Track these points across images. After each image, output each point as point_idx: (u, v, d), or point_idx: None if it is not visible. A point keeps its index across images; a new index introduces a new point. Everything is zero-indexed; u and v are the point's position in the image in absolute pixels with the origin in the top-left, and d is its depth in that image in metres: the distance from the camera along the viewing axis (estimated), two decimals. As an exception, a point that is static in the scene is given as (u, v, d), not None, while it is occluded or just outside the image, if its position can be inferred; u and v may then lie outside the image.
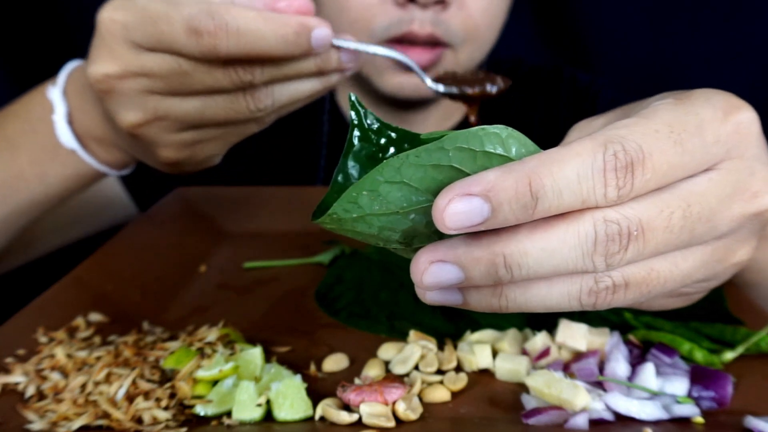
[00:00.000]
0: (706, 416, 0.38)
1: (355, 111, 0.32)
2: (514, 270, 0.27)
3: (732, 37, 0.99)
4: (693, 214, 0.29)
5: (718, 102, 0.31)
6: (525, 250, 0.27)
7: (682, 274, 0.30)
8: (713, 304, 0.49)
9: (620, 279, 0.29)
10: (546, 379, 0.38)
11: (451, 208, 0.26)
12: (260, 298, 0.55)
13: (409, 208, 0.27)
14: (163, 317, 0.51)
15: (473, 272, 0.27)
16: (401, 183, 0.27)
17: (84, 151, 0.54)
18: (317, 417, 0.38)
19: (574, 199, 0.27)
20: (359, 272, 0.57)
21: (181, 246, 0.63)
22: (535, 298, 0.29)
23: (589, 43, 1.04)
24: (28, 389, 0.40)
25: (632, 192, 0.27)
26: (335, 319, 0.50)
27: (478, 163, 0.27)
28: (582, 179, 0.26)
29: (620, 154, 0.27)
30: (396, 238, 0.29)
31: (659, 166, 0.28)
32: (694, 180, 0.29)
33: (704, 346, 0.43)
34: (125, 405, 0.38)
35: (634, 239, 0.27)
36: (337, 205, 0.27)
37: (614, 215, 0.27)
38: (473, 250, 0.27)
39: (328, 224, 0.28)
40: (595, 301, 0.29)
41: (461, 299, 0.29)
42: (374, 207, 0.27)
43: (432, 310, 0.51)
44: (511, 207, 0.26)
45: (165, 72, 0.43)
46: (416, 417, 0.38)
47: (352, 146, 0.32)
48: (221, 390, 0.39)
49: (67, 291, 0.52)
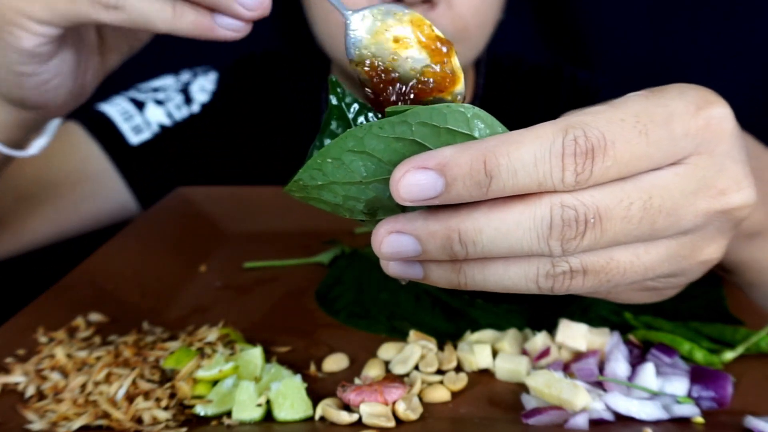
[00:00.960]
0: (706, 416, 0.38)
1: (333, 92, 0.32)
2: (468, 247, 0.28)
3: (732, 37, 0.99)
4: (654, 206, 0.29)
5: (690, 96, 0.30)
6: (480, 228, 0.28)
7: (644, 267, 0.30)
8: (713, 304, 0.49)
9: (578, 265, 0.29)
10: (546, 379, 0.38)
11: (405, 180, 0.27)
12: (260, 298, 0.55)
13: (371, 178, 0.28)
14: (163, 317, 0.51)
15: (429, 245, 0.28)
16: (364, 153, 0.28)
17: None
18: (317, 417, 0.38)
19: (529, 181, 0.27)
20: (359, 272, 0.57)
21: (181, 246, 0.63)
22: (492, 277, 0.29)
23: (589, 41, 1.04)
24: (28, 389, 0.40)
25: (591, 179, 0.27)
26: (335, 319, 0.50)
27: (441, 139, 0.28)
28: (539, 161, 0.27)
29: (581, 140, 0.27)
30: (360, 209, 0.30)
31: (621, 155, 0.27)
32: (659, 173, 0.29)
33: (704, 346, 0.43)
34: (125, 405, 0.38)
35: (591, 226, 0.28)
36: (303, 172, 0.28)
37: (572, 201, 0.27)
38: (430, 223, 0.28)
39: (296, 192, 0.29)
40: (552, 284, 0.29)
41: (422, 273, 0.30)
42: (338, 175, 0.28)
43: (432, 310, 0.51)
44: (464, 183, 0.27)
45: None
46: (416, 417, 0.38)
47: (329, 125, 0.32)
48: (221, 390, 0.39)
49: (67, 291, 0.52)
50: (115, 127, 0.79)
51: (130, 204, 0.81)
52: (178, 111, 0.82)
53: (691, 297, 0.50)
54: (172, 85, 0.84)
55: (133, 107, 0.81)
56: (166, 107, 0.82)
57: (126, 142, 0.79)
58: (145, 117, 0.80)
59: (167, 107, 0.82)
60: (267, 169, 0.85)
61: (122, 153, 0.78)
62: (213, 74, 0.86)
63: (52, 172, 0.75)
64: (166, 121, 0.81)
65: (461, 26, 0.68)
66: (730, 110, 0.31)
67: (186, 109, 0.83)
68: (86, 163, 0.77)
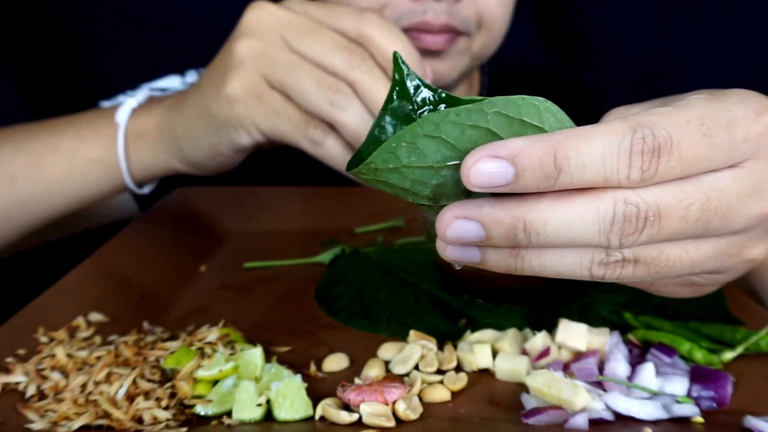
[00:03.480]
0: (706, 416, 0.38)
1: (397, 69, 0.33)
2: (532, 236, 0.29)
3: (732, 37, 0.99)
4: (711, 207, 0.30)
5: (751, 102, 0.31)
6: (545, 219, 0.28)
7: (692, 262, 0.31)
8: (713, 304, 0.49)
9: (630, 255, 0.30)
10: (546, 378, 0.38)
11: (477, 167, 0.27)
12: (260, 298, 0.55)
13: (443, 163, 0.29)
14: (163, 317, 0.51)
15: (494, 232, 0.29)
16: (439, 138, 0.28)
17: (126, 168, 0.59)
18: (317, 417, 0.38)
19: (596, 176, 0.28)
20: (359, 272, 0.57)
21: (181, 246, 0.63)
22: (549, 263, 0.30)
23: (589, 42, 1.04)
24: (28, 389, 0.40)
25: (655, 177, 0.28)
26: (335, 319, 0.50)
27: (513, 129, 0.28)
28: (606, 157, 0.27)
29: (648, 139, 0.28)
30: (426, 194, 0.30)
31: (685, 156, 0.28)
32: (717, 175, 0.30)
33: (704, 346, 0.43)
34: (125, 405, 0.38)
35: (650, 224, 0.28)
36: (377, 155, 0.29)
37: (634, 198, 0.28)
38: (497, 211, 0.29)
39: (364, 174, 0.30)
40: (604, 272, 0.30)
41: (479, 257, 0.31)
42: (411, 159, 0.29)
43: (432, 310, 0.51)
44: (534, 174, 0.27)
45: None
46: (416, 417, 0.38)
47: (391, 101, 0.33)
48: (221, 390, 0.39)
49: (67, 291, 0.52)
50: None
51: (129, 204, 0.81)
52: None
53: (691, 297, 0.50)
54: (178, 86, 0.84)
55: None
56: None
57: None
58: None
59: None
60: (267, 169, 0.85)
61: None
62: None
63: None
64: None
65: (487, 16, 0.69)
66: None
67: None
68: None
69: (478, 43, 0.71)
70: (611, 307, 0.50)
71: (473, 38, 0.70)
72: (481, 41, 0.71)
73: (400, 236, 0.66)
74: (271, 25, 0.50)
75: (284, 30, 0.50)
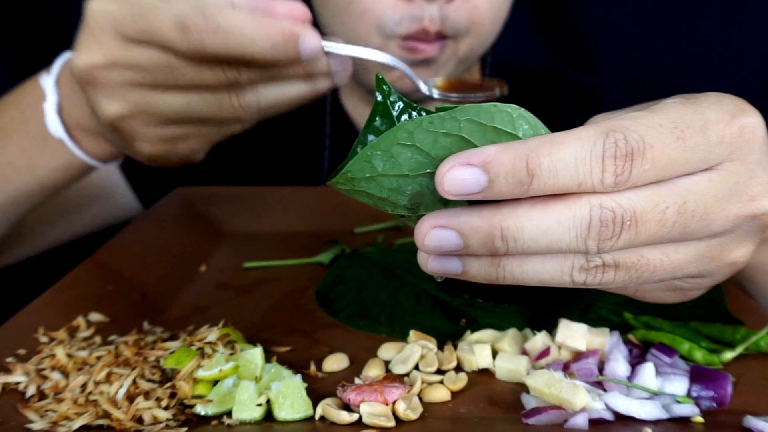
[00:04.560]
0: (706, 416, 0.38)
1: (379, 90, 0.33)
2: (509, 243, 0.29)
3: (732, 37, 0.99)
4: (687, 211, 0.30)
5: (726, 105, 0.31)
6: (522, 226, 0.29)
7: (673, 266, 0.31)
8: (713, 304, 0.49)
9: (610, 260, 0.30)
10: (546, 378, 0.38)
11: (451, 174, 0.28)
12: (260, 298, 0.55)
13: (418, 171, 0.29)
14: (163, 317, 0.51)
15: (472, 240, 0.29)
16: (413, 147, 0.29)
17: (72, 142, 0.54)
18: (317, 417, 0.38)
19: (570, 181, 0.28)
20: (359, 272, 0.57)
21: (181, 246, 0.63)
22: (530, 271, 0.30)
23: (589, 43, 1.04)
24: (28, 389, 0.40)
25: (629, 181, 0.28)
26: (335, 319, 0.50)
27: (487, 137, 0.29)
28: (579, 162, 0.28)
29: (621, 143, 0.28)
30: (403, 203, 0.30)
31: (659, 159, 0.28)
32: (693, 178, 0.30)
33: (704, 346, 0.43)
34: (126, 405, 0.38)
35: (627, 228, 0.29)
36: (353, 164, 0.29)
37: (610, 202, 0.28)
38: (474, 219, 0.29)
39: (342, 185, 0.30)
40: (585, 278, 0.30)
41: (460, 268, 0.31)
42: (386, 167, 0.29)
43: (432, 310, 0.51)
44: (507, 181, 0.28)
45: (151, 66, 0.43)
46: (416, 417, 0.38)
47: (373, 121, 0.33)
48: (221, 390, 0.39)
49: (67, 291, 0.52)
50: None
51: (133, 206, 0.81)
52: None
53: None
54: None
55: None
56: None
57: None
58: None
59: None
60: (268, 169, 0.85)
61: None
62: None
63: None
64: None
65: (477, 18, 0.69)
66: (761, 119, 0.32)
67: None
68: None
69: (464, 47, 0.70)
70: (611, 307, 0.50)
71: (459, 42, 0.70)
72: (467, 45, 0.71)
73: (400, 236, 0.67)
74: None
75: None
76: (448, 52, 0.70)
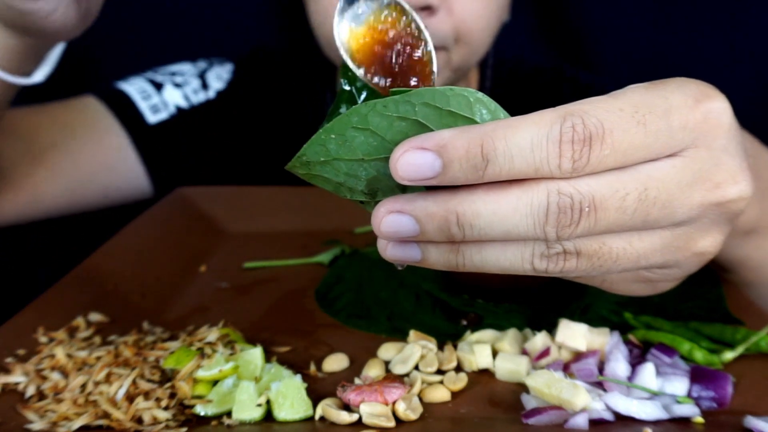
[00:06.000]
0: (706, 416, 0.38)
1: (344, 76, 0.33)
2: (466, 229, 0.28)
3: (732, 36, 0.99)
4: (649, 197, 0.29)
5: (690, 89, 0.30)
6: (477, 212, 0.28)
7: (637, 254, 0.30)
8: (713, 304, 0.49)
9: (571, 248, 0.29)
10: (546, 379, 0.38)
11: (404, 159, 0.27)
12: (260, 298, 0.55)
13: (373, 155, 0.29)
14: (163, 317, 0.51)
15: (427, 226, 0.29)
16: (368, 130, 0.28)
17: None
18: (317, 417, 0.38)
19: (526, 166, 0.27)
20: (359, 272, 0.57)
21: (181, 246, 0.63)
22: (490, 258, 0.30)
23: (589, 42, 1.04)
24: (28, 389, 0.40)
25: (588, 166, 0.27)
26: (335, 319, 0.50)
27: (443, 121, 0.28)
28: (535, 147, 0.27)
29: (578, 127, 0.27)
30: (361, 188, 0.30)
31: (619, 144, 0.28)
32: (656, 164, 0.29)
33: (704, 346, 0.43)
34: (125, 405, 0.38)
35: (586, 215, 0.28)
36: (307, 147, 0.29)
37: (568, 188, 0.28)
38: (429, 204, 0.28)
39: (298, 168, 0.30)
40: (546, 266, 0.29)
41: (419, 255, 0.30)
42: (340, 151, 0.29)
43: (432, 310, 0.51)
44: (461, 165, 0.27)
45: None
46: (416, 417, 0.38)
47: (338, 108, 0.33)
48: (221, 390, 0.39)
49: (67, 291, 0.52)
50: (133, 104, 0.79)
51: (143, 183, 0.81)
52: (195, 95, 0.83)
53: (691, 297, 0.50)
54: (190, 70, 0.85)
55: (152, 87, 0.81)
56: (183, 90, 0.83)
57: (144, 119, 0.79)
58: (163, 98, 0.81)
59: (185, 90, 0.83)
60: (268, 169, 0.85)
61: (140, 130, 0.79)
62: (229, 65, 0.87)
63: (70, 140, 0.75)
64: (183, 104, 0.82)
65: (465, 30, 0.68)
66: (728, 105, 0.31)
67: (203, 94, 0.83)
68: (104, 135, 0.78)
69: (456, 57, 0.70)
70: (611, 307, 0.50)
71: (451, 52, 0.69)
72: (459, 55, 0.70)
73: (400, 236, 0.66)
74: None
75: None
76: (440, 62, 0.69)
